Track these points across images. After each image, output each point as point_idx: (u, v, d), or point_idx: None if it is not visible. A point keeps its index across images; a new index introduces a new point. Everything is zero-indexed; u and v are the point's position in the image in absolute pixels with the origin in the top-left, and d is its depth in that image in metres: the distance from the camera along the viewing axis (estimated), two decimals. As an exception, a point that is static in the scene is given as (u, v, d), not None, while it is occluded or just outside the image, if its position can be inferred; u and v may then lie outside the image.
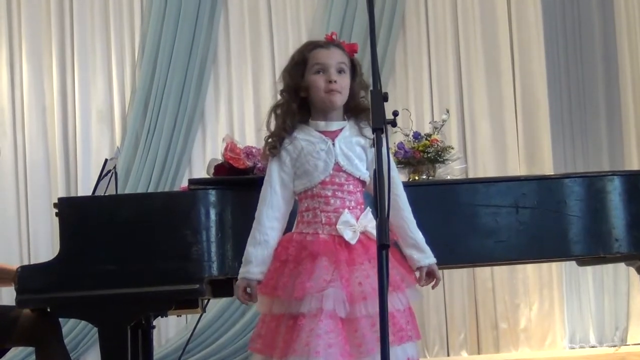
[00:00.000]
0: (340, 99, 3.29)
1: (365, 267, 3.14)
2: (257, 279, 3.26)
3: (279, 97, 3.39)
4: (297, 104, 3.33)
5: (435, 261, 3.36)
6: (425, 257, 3.34)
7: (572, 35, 7.78)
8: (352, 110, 3.35)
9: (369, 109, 3.21)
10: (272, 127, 3.37)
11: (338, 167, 3.27)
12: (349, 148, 3.29)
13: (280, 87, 3.39)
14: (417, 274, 3.34)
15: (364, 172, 3.30)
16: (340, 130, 3.32)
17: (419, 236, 3.35)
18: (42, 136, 7.47)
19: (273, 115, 3.38)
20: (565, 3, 7.79)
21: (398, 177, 3.51)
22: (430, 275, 3.37)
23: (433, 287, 3.42)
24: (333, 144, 3.28)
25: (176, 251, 3.94)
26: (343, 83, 3.28)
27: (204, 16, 7.46)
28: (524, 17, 7.65)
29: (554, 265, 7.35)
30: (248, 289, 3.29)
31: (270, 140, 3.35)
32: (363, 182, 3.31)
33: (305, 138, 3.30)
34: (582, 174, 4.90)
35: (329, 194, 3.25)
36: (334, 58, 3.30)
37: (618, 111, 7.72)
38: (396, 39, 7.58)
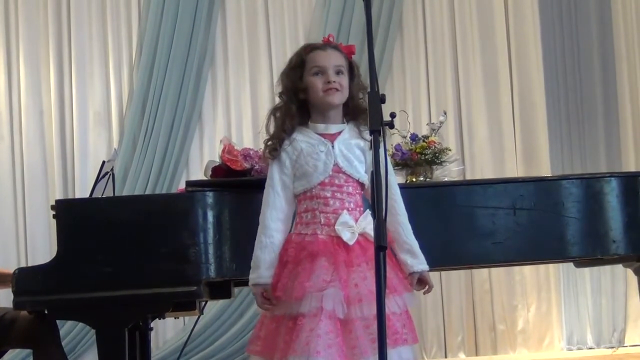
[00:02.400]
0: (339, 97, 3.30)
1: (363, 268, 3.15)
2: (268, 282, 3.26)
3: (277, 100, 3.40)
4: (296, 105, 3.33)
5: (428, 268, 3.35)
6: (419, 263, 3.33)
7: (569, 37, 7.78)
8: (351, 112, 3.36)
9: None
10: (271, 129, 3.37)
11: (337, 169, 3.27)
12: (348, 150, 3.30)
13: (279, 90, 3.40)
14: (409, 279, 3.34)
15: (363, 174, 3.31)
16: (340, 132, 3.33)
17: (414, 242, 3.35)
18: (39, 138, 7.46)
19: (272, 118, 3.38)
20: (562, 5, 7.79)
21: (395, 182, 3.50)
22: (421, 282, 3.37)
23: (425, 293, 3.41)
24: (332, 146, 3.28)
25: (173, 253, 3.94)
26: (342, 83, 3.29)
27: (202, 18, 7.46)
28: (521, 19, 7.66)
29: (552, 267, 7.36)
30: (265, 294, 3.27)
31: (269, 142, 3.35)
32: (362, 185, 3.32)
33: (305, 140, 3.31)
34: (580, 175, 4.90)
35: (328, 195, 3.26)
36: (332, 60, 3.31)
37: (615, 112, 7.73)
38: (393, 40, 7.59)
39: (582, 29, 7.79)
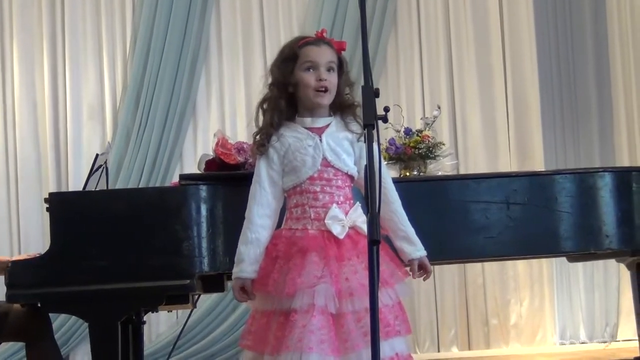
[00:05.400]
0: (328, 98, 3.30)
1: (354, 262, 3.15)
2: (251, 277, 3.25)
3: (266, 90, 3.39)
4: (285, 99, 3.33)
5: (426, 254, 3.36)
6: (417, 249, 3.34)
7: (563, 31, 7.79)
8: (338, 107, 3.35)
9: (354, 105, 3.30)
10: (261, 122, 3.37)
11: (326, 163, 3.27)
12: (336, 143, 3.29)
13: (269, 80, 3.39)
14: (409, 267, 3.34)
15: (352, 167, 3.31)
16: (327, 126, 3.32)
17: (410, 229, 3.36)
18: (33, 131, 7.45)
19: (261, 111, 3.38)
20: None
21: (386, 171, 3.53)
22: (421, 268, 3.37)
23: (424, 279, 3.42)
24: (320, 140, 3.28)
25: (167, 247, 3.95)
26: (332, 81, 3.29)
27: (196, 11, 7.45)
28: (515, 13, 7.66)
29: (545, 262, 7.36)
30: (244, 288, 3.28)
31: (258, 137, 3.35)
32: (351, 177, 3.32)
33: (292, 135, 3.31)
34: (573, 170, 4.91)
35: (318, 189, 3.26)
36: (325, 57, 3.30)
37: (609, 107, 7.73)
38: (388, 34, 7.58)
39: (576, 23, 7.80)
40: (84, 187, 4.52)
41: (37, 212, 7.23)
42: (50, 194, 4.17)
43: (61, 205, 4.05)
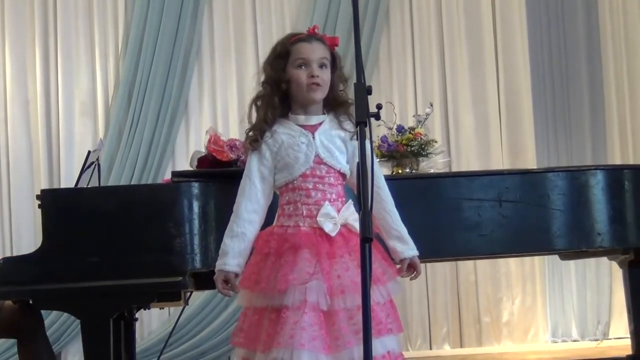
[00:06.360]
0: (321, 93, 3.30)
1: (345, 259, 3.15)
2: (233, 271, 3.26)
3: (260, 88, 3.39)
4: (278, 96, 3.33)
5: (418, 254, 3.36)
6: (409, 249, 3.34)
7: (556, 28, 7.79)
8: (331, 104, 3.35)
9: (348, 102, 3.30)
10: (254, 119, 3.37)
11: (319, 160, 3.27)
12: (329, 141, 3.29)
13: (261, 78, 3.39)
14: (399, 266, 3.34)
15: (345, 164, 3.31)
16: (320, 124, 3.32)
17: (403, 228, 3.35)
18: (25, 128, 7.43)
19: (254, 108, 3.38)
20: (549, -3, 7.82)
21: (379, 170, 3.53)
22: (411, 268, 3.37)
23: (411, 279, 3.42)
24: (313, 137, 3.28)
25: (159, 244, 3.95)
26: (324, 77, 3.29)
27: (188, 8, 7.43)
28: (507, 11, 7.66)
29: (537, 259, 7.37)
30: (227, 281, 3.28)
31: (251, 133, 3.35)
32: (344, 175, 3.32)
33: (286, 132, 3.31)
34: (565, 168, 4.92)
35: (310, 186, 3.25)
36: (317, 53, 3.30)
37: (601, 105, 7.74)
38: (380, 32, 7.58)
39: (568, 20, 7.80)
40: (76, 184, 4.51)
41: (29, 208, 7.21)
42: (42, 191, 4.17)
43: (53, 202, 4.05)
